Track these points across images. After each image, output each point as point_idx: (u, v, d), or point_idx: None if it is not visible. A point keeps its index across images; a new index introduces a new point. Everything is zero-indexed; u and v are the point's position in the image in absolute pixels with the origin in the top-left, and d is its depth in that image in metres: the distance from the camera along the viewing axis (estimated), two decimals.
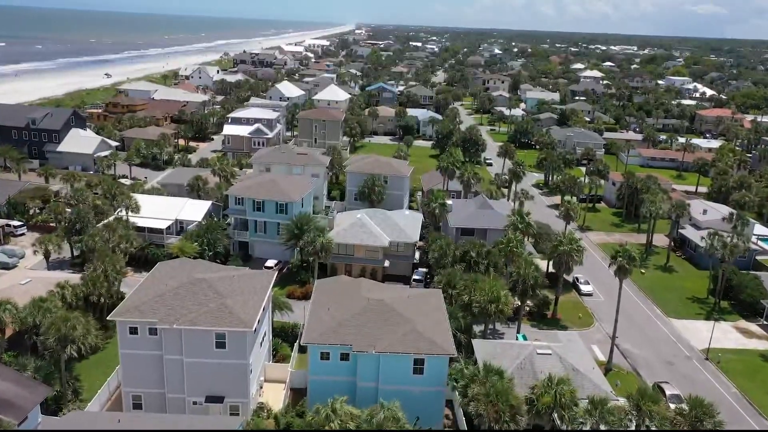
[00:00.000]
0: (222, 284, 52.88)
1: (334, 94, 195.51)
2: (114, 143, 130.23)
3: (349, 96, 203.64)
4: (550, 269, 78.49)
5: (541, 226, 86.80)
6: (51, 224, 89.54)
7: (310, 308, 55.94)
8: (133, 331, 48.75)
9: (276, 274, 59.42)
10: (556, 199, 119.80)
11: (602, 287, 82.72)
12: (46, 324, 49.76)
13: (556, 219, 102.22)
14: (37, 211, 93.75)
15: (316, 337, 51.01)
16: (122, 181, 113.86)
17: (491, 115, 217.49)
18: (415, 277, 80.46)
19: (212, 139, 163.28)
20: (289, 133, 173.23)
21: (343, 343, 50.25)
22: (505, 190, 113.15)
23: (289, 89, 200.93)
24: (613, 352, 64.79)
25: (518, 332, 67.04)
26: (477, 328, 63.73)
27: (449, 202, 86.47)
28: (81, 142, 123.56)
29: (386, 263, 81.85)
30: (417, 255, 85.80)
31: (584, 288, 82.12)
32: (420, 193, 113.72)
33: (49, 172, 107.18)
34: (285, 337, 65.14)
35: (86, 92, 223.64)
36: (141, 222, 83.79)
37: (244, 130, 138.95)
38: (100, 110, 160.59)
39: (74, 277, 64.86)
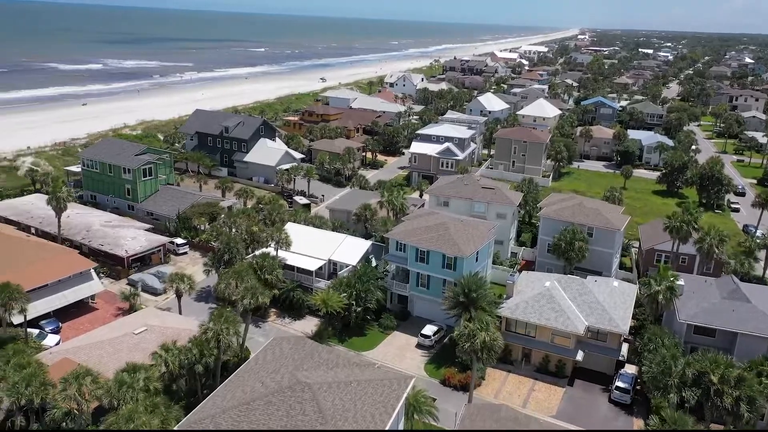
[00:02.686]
0: (331, 396, 38.16)
1: (542, 109, 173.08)
2: (299, 155, 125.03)
3: (559, 112, 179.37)
4: None
5: None
6: (213, 245, 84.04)
7: None
8: None
9: (412, 381, 42.86)
10: None
11: None
12: (114, 418, 39.46)
13: None
14: (203, 228, 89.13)
15: None
16: (296, 199, 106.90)
17: (739, 142, 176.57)
18: (618, 384, 58.19)
19: (403, 153, 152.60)
20: (485, 151, 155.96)
21: None
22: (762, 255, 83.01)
23: (492, 102, 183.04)
24: None
25: None
26: None
27: (680, 282, 61.97)
28: (266, 153, 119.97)
29: (579, 355, 60.87)
30: (625, 349, 63.06)
31: None
32: (635, 250, 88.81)
33: (225, 185, 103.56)
34: None
35: (296, 97, 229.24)
36: (291, 259, 73.39)
37: (432, 149, 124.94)
38: (296, 118, 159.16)
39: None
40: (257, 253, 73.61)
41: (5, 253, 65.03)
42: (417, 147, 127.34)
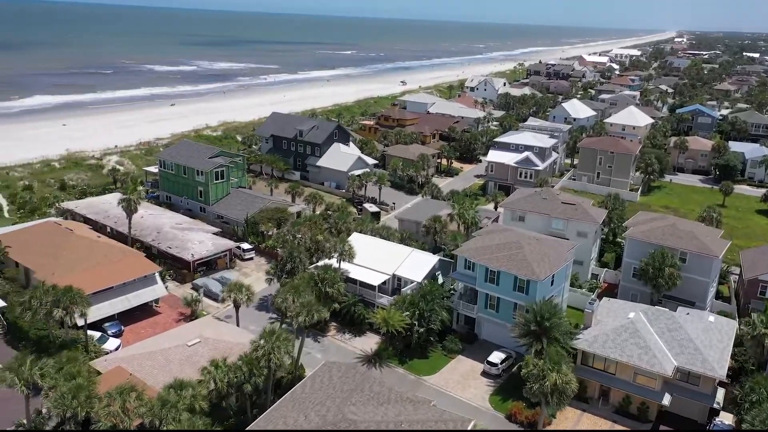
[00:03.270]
0: None
1: (632, 117, 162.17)
2: (371, 161, 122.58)
3: (652, 120, 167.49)
4: None
5: None
6: (278, 252, 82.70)
7: None
8: None
9: (471, 425, 38.49)
10: None
11: None
12: None
13: None
14: (270, 234, 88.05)
15: None
16: (366, 206, 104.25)
17: None
18: None
19: (480, 161, 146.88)
20: (568, 160, 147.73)
21: None
22: None
23: (577, 109, 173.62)
24: None
25: None
26: None
27: None
28: (338, 157, 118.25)
29: (666, 399, 54.17)
30: (720, 395, 55.61)
31: None
32: (735, 277, 79.75)
33: (295, 189, 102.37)
34: None
35: (374, 100, 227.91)
36: (354, 271, 70.50)
37: (510, 158, 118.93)
38: (372, 122, 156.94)
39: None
40: (320, 264, 71.33)
41: (75, 254, 65.96)
42: (494, 155, 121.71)
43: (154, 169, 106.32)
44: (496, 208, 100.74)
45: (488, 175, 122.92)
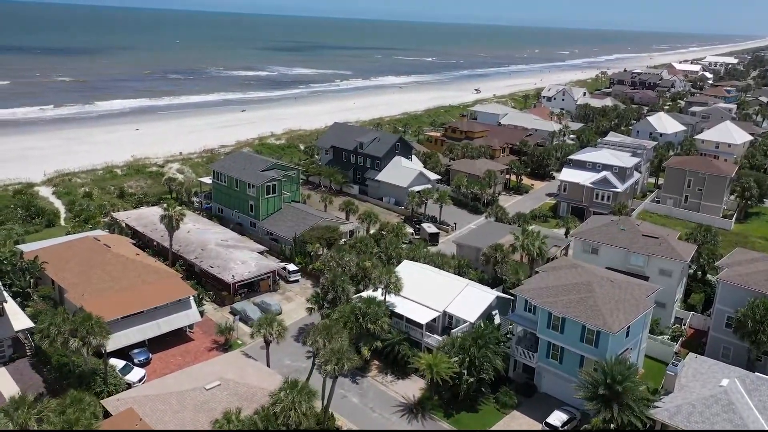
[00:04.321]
0: None
1: (728, 134, 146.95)
2: (434, 176, 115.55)
3: (750, 138, 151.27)
4: None
5: None
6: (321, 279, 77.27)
7: None
8: None
9: None
10: None
11: None
12: None
13: None
14: (318, 255, 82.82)
15: None
16: (425, 226, 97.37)
17: None
18: None
19: (553, 178, 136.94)
20: (651, 180, 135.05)
21: None
22: None
23: (664, 123, 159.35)
24: None
25: None
26: None
27: None
28: (399, 172, 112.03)
29: None
30: None
31: None
32: None
33: (349, 207, 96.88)
34: None
35: (445, 109, 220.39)
36: (400, 306, 63.97)
37: (585, 178, 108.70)
38: (438, 134, 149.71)
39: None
40: (364, 294, 65.30)
41: (108, 274, 62.99)
42: (568, 174, 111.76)
43: (209, 179, 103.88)
44: (567, 234, 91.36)
45: (560, 195, 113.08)
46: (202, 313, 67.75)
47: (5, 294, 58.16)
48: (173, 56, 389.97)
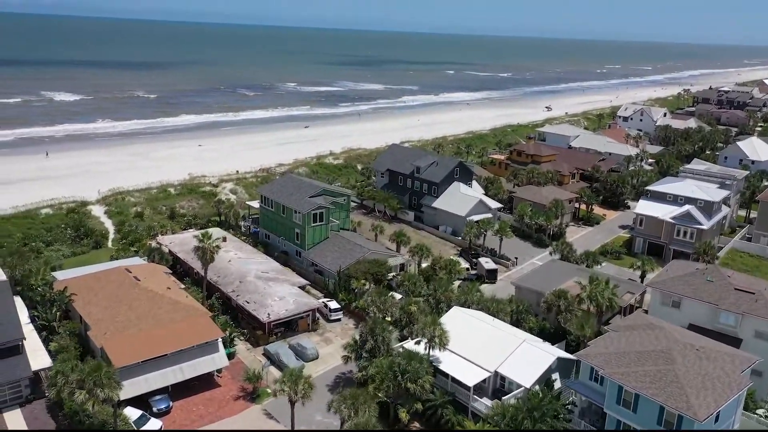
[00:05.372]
0: None
1: None
2: (495, 204, 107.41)
3: None
4: None
5: None
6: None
7: None
8: None
9: None
10: None
11: None
12: None
13: None
14: (363, 291, 76.65)
15: None
16: (482, 261, 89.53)
17: None
18: None
19: (627, 207, 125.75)
20: (742, 213, 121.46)
21: None
22: None
23: (756, 149, 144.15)
24: None
25: None
26: None
27: None
28: (457, 199, 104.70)
29: None
30: None
31: None
32: None
33: (401, 238, 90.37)
34: None
35: (512, 129, 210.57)
36: (446, 362, 56.80)
37: (665, 211, 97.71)
38: (503, 157, 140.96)
39: None
40: (406, 345, 58.58)
41: (134, 311, 59.24)
42: (645, 206, 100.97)
43: (257, 204, 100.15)
44: (642, 279, 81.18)
45: (636, 229, 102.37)
46: (232, 355, 63.11)
47: (24, 329, 55.19)
48: (241, 71, 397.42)
